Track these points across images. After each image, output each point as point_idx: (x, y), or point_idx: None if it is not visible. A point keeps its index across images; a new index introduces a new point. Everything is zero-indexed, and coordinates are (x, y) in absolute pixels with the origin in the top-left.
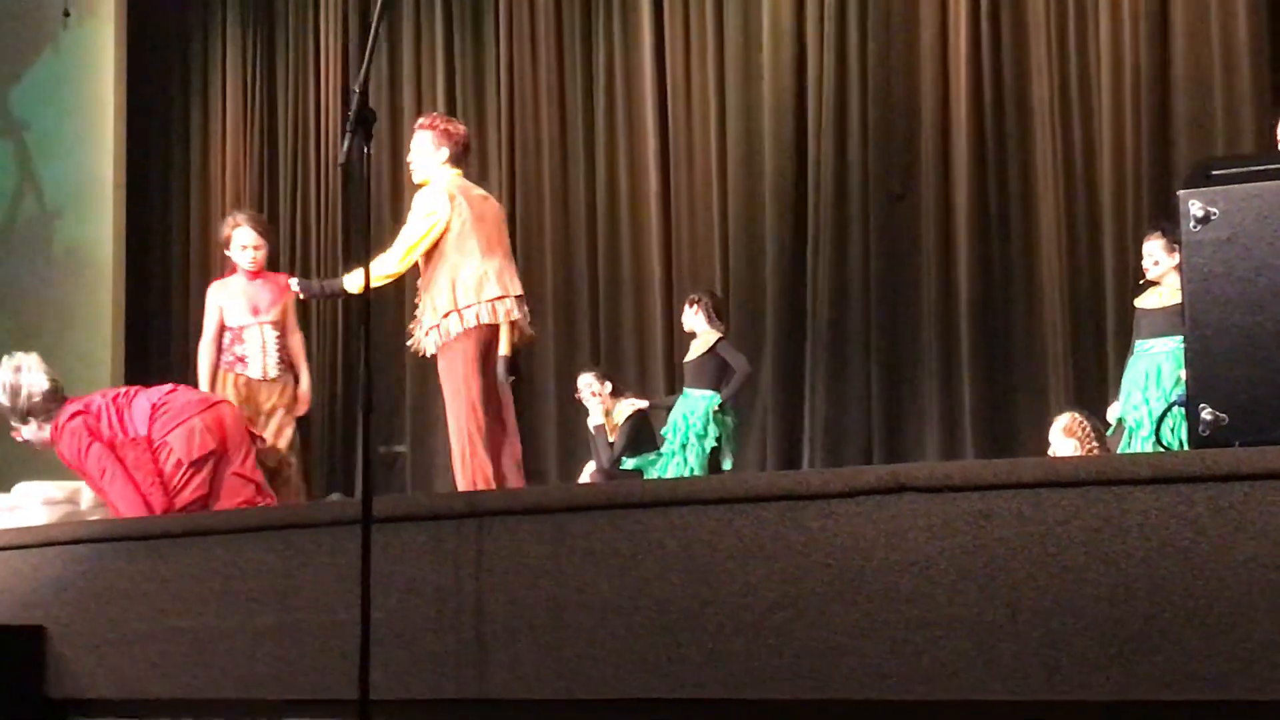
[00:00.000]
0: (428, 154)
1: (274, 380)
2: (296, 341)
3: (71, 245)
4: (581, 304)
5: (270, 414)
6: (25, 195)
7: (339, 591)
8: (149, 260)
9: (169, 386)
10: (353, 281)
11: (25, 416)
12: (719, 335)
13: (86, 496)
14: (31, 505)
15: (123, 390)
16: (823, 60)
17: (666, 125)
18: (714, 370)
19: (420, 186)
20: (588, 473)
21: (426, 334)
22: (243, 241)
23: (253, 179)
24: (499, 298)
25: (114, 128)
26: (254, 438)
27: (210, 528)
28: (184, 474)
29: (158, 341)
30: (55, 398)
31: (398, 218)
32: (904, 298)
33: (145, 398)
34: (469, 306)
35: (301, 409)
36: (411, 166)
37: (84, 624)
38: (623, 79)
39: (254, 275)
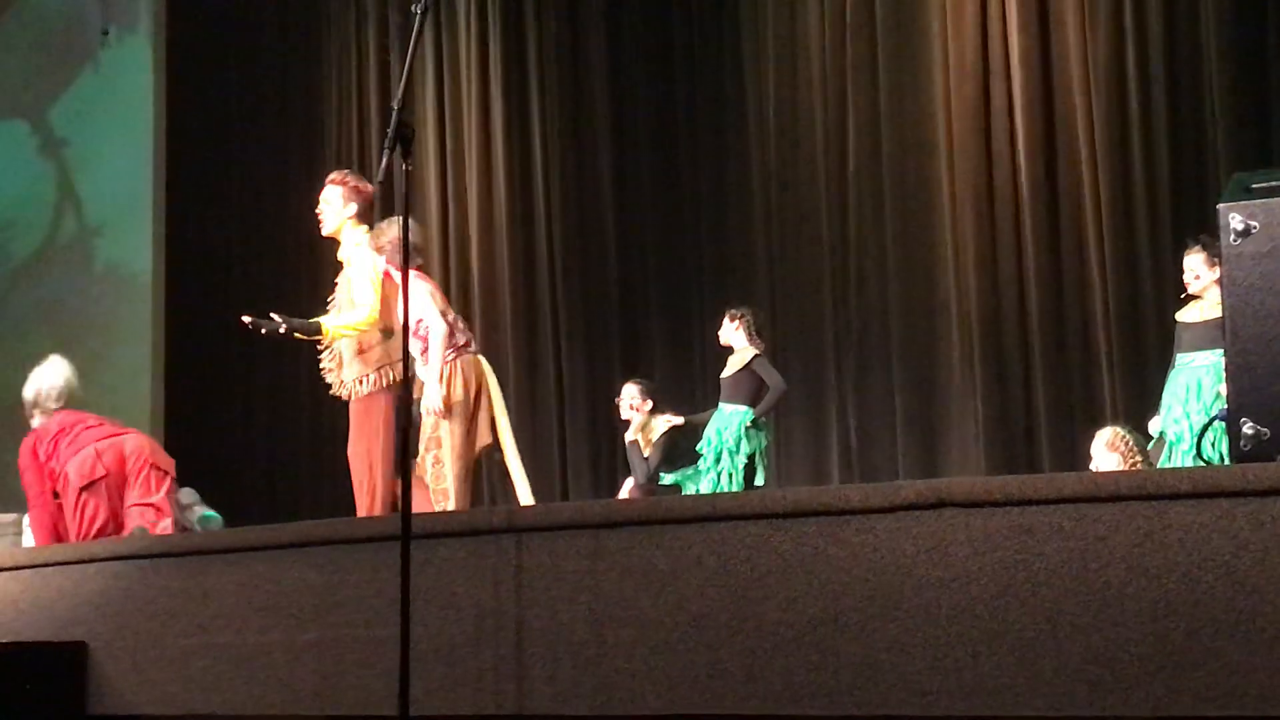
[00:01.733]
0: (336, 208)
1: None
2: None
3: (112, 261)
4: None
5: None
6: (65, 212)
7: (379, 607)
8: (189, 275)
9: (99, 420)
10: (330, 323)
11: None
12: (756, 352)
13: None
14: None
15: (79, 421)
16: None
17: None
18: (750, 386)
19: (330, 238)
20: (626, 488)
21: (358, 381)
22: None
23: (295, 194)
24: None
25: (153, 144)
26: (159, 469)
27: (251, 544)
28: (79, 498)
29: (199, 356)
30: (48, 404)
31: (448, 237)
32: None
33: (81, 427)
34: (399, 361)
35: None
36: (321, 218)
37: (125, 640)
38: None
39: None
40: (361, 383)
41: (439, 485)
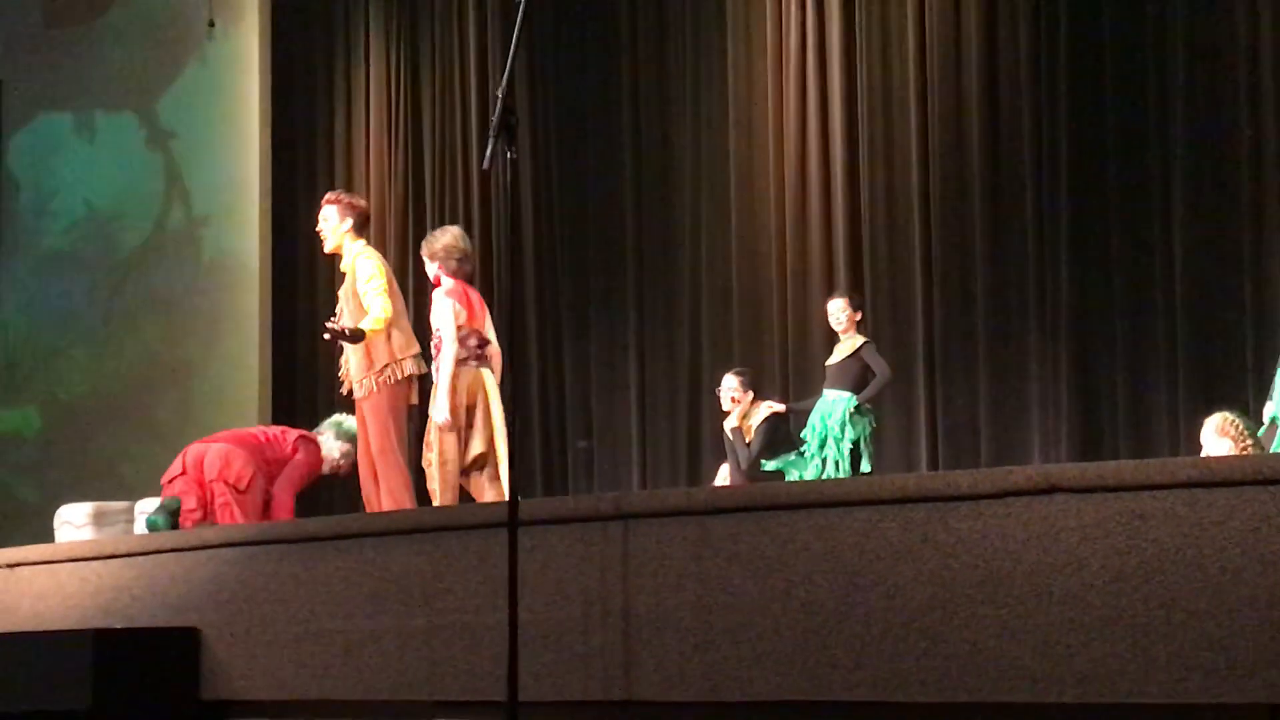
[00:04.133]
0: (333, 224)
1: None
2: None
3: (219, 252)
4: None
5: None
6: (173, 204)
7: (487, 594)
8: (295, 266)
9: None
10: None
11: None
12: (865, 339)
13: None
14: None
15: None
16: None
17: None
18: (857, 373)
19: (332, 255)
20: (723, 475)
21: (361, 380)
22: None
23: (398, 184)
24: (418, 354)
25: (259, 136)
26: (234, 488)
27: (360, 530)
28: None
29: (305, 347)
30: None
31: (540, 225)
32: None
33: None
34: (403, 360)
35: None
36: (322, 235)
37: (237, 626)
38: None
39: None
40: (364, 381)
41: (431, 485)
